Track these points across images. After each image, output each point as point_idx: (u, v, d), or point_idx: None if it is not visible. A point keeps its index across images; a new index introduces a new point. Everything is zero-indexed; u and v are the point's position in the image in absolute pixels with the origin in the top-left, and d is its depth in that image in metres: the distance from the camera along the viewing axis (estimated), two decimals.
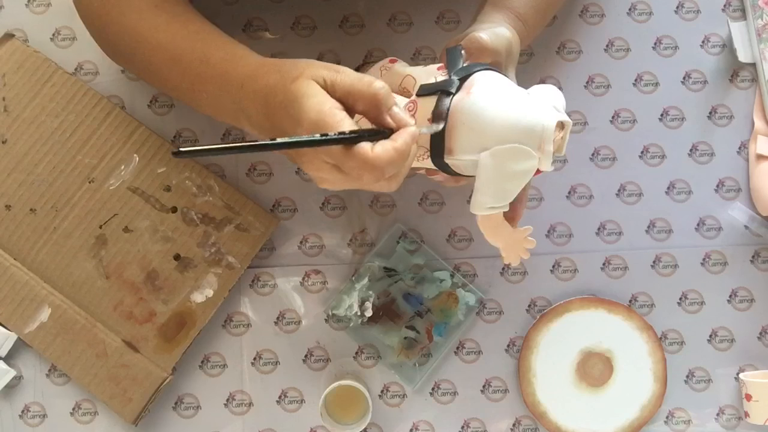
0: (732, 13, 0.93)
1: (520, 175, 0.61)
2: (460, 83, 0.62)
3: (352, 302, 0.87)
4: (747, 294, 0.91)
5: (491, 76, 0.63)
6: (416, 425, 0.90)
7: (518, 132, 0.60)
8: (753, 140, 0.92)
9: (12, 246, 0.86)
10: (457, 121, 0.61)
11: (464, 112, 0.61)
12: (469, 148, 0.61)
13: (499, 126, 0.60)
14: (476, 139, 0.60)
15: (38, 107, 0.86)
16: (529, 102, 0.61)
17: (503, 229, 0.66)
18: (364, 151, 0.56)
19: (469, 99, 0.61)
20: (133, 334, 0.86)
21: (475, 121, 0.60)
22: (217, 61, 0.68)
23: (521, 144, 0.60)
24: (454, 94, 0.62)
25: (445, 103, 0.61)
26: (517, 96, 0.62)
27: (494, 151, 0.60)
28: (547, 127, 0.60)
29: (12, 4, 0.90)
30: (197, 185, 0.87)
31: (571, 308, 0.89)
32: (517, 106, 0.61)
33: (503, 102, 0.61)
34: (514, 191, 0.63)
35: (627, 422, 0.90)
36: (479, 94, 0.61)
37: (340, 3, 0.91)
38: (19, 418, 0.88)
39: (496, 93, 0.62)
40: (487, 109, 0.60)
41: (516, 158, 0.60)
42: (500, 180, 0.61)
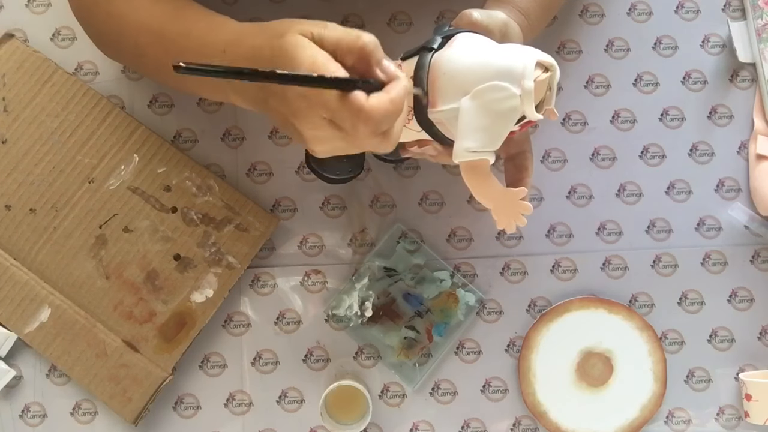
0: (732, 13, 0.93)
1: (503, 115, 0.59)
2: (443, 42, 0.62)
3: (352, 302, 0.87)
4: (747, 294, 0.91)
5: (474, 36, 0.63)
6: (416, 425, 0.90)
7: (497, 71, 0.58)
8: (753, 140, 0.92)
9: (12, 246, 0.86)
10: (437, 72, 0.61)
11: (444, 62, 0.60)
12: (450, 97, 0.60)
13: (478, 69, 0.59)
14: (456, 85, 0.60)
15: (38, 107, 0.86)
16: (509, 47, 0.61)
17: (492, 185, 0.62)
18: (359, 100, 0.54)
19: (450, 51, 0.61)
20: (133, 334, 0.86)
21: (455, 68, 0.60)
22: (198, 33, 0.68)
23: (503, 82, 0.58)
24: (436, 50, 0.62)
25: (426, 58, 0.61)
26: (498, 45, 0.62)
27: (474, 93, 0.59)
28: (526, 64, 0.58)
29: (12, 4, 0.90)
30: (197, 185, 0.87)
31: (571, 308, 0.89)
32: (497, 51, 0.61)
33: (483, 49, 0.61)
34: (497, 134, 0.60)
35: (627, 422, 0.90)
36: (459, 46, 0.61)
37: (340, 3, 0.91)
38: (19, 418, 0.88)
39: (476, 44, 0.62)
40: (466, 56, 0.60)
41: (496, 96, 0.58)
42: (482, 122, 0.59)
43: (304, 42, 0.57)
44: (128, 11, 0.72)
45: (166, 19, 0.70)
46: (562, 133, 0.92)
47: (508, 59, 0.59)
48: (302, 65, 0.55)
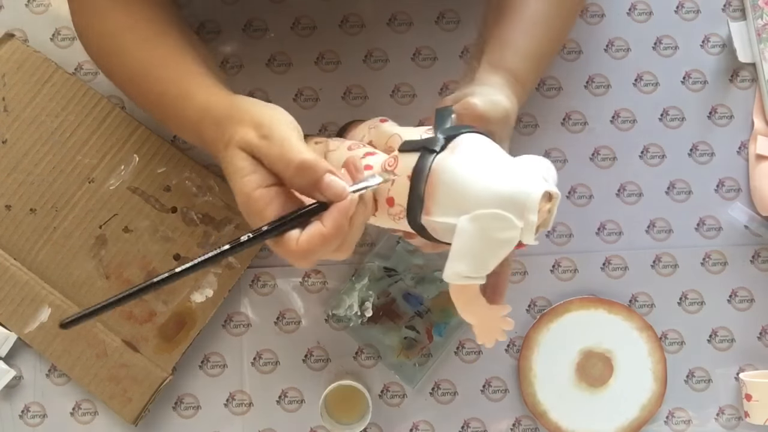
0: (732, 13, 0.93)
1: (500, 245, 0.56)
2: (445, 142, 0.58)
3: (352, 302, 0.88)
4: (747, 294, 0.91)
5: (479, 140, 0.59)
6: (416, 425, 0.90)
7: (501, 198, 0.55)
8: (753, 140, 0.92)
9: (12, 246, 0.86)
10: (438, 180, 0.57)
11: (446, 172, 0.57)
12: (447, 211, 0.57)
13: (482, 190, 0.55)
14: (456, 201, 0.56)
15: (38, 107, 0.86)
16: (516, 169, 0.57)
17: (478, 305, 0.61)
18: (289, 244, 0.54)
19: (453, 159, 0.57)
20: (133, 334, 0.86)
21: (457, 182, 0.56)
22: (171, 98, 0.67)
23: (505, 211, 0.55)
24: (438, 152, 0.58)
25: (427, 160, 0.58)
26: (504, 162, 0.58)
27: (474, 216, 0.55)
28: (532, 195, 0.55)
29: (12, 4, 0.90)
30: (197, 185, 0.87)
31: (571, 308, 0.89)
32: (503, 172, 0.56)
33: (488, 166, 0.57)
34: (492, 262, 0.57)
35: (627, 422, 0.90)
36: (464, 155, 0.57)
37: (340, 3, 0.91)
38: (19, 418, 0.88)
39: (481, 156, 0.58)
40: (470, 171, 0.56)
41: (497, 225, 0.55)
42: (478, 248, 0.56)
43: (240, 165, 0.57)
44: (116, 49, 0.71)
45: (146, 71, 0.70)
46: (562, 133, 0.92)
47: (514, 185, 0.55)
48: (237, 195, 0.57)
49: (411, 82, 0.90)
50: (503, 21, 0.73)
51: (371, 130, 0.68)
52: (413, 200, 0.58)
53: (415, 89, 0.90)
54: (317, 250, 0.54)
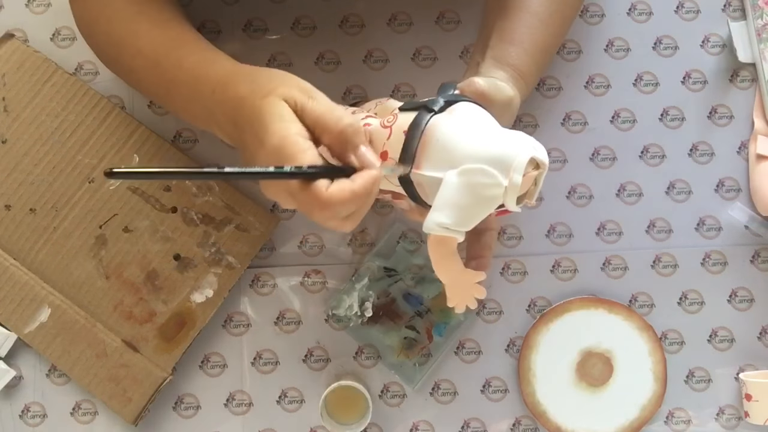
0: (732, 13, 0.93)
1: (484, 201, 0.58)
2: (445, 105, 0.61)
3: (352, 302, 0.88)
4: (747, 294, 0.91)
5: (476, 108, 0.62)
6: (416, 425, 0.90)
7: (489, 157, 0.58)
8: (753, 140, 0.92)
9: (12, 246, 0.86)
10: (431, 136, 0.59)
11: (440, 130, 0.59)
12: (437, 164, 0.59)
13: (471, 148, 0.58)
14: (446, 157, 0.59)
15: (38, 107, 0.86)
16: (507, 135, 0.60)
17: (453, 263, 0.62)
18: (318, 189, 0.55)
19: (449, 119, 0.60)
20: (133, 334, 0.86)
21: (450, 139, 0.59)
22: (190, 65, 0.68)
23: (491, 168, 0.57)
24: (436, 112, 0.61)
25: (424, 118, 0.60)
26: (496, 128, 0.61)
27: (461, 170, 0.58)
28: (520, 157, 0.57)
29: (12, 4, 0.90)
30: (197, 185, 0.87)
31: (571, 308, 0.89)
32: (494, 135, 0.59)
33: (481, 129, 0.60)
34: (474, 218, 0.59)
35: (627, 422, 0.90)
36: (459, 118, 0.60)
37: (340, 3, 0.91)
38: (19, 418, 0.88)
39: (476, 120, 0.60)
40: (463, 131, 0.59)
41: (482, 181, 0.58)
42: (461, 200, 0.58)
43: (281, 111, 0.57)
44: (126, 35, 0.72)
45: (162, 49, 0.70)
46: (562, 133, 0.92)
47: (504, 147, 0.58)
48: (271, 137, 0.56)
49: (411, 82, 0.90)
50: (507, 17, 0.74)
51: (378, 105, 0.70)
52: (406, 154, 0.60)
53: (416, 89, 0.90)
54: (340, 203, 0.55)
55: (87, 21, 0.76)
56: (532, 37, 0.74)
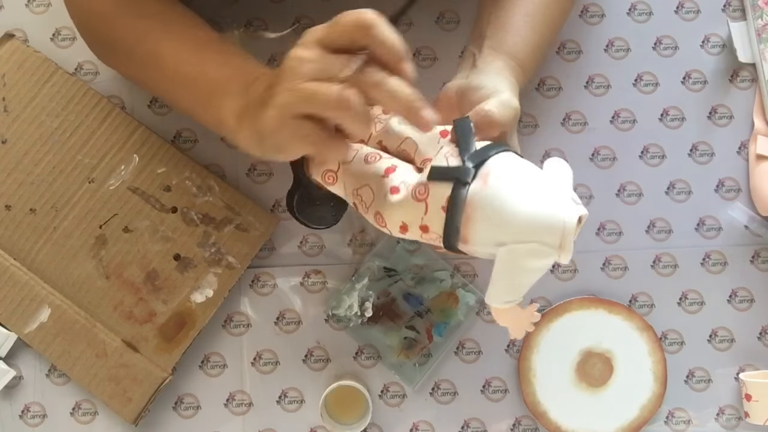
0: (732, 13, 0.93)
1: (537, 272, 0.59)
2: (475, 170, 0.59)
3: (352, 302, 0.88)
4: (747, 294, 0.91)
5: (507, 162, 0.60)
6: (416, 425, 0.90)
7: (539, 228, 0.57)
8: (753, 140, 0.92)
9: (12, 246, 0.86)
10: (474, 213, 0.58)
11: (482, 205, 0.58)
12: (486, 241, 0.59)
13: (519, 222, 0.57)
14: (494, 232, 0.58)
15: (38, 107, 0.86)
16: (548, 194, 0.58)
17: (513, 314, 0.63)
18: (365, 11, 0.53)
19: (487, 190, 0.58)
20: (133, 334, 0.86)
21: (494, 215, 0.58)
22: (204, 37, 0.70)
23: (542, 241, 0.57)
24: (469, 183, 0.59)
25: (461, 193, 0.58)
26: (535, 187, 0.59)
27: (512, 249, 0.57)
28: (568, 224, 0.57)
29: (12, 4, 0.90)
30: (197, 185, 0.87)
31: (571, 308, 0.89)
32: (537, 201, 0.58)
33: (522, 195, 0.58)
34: (528, 286, 0.60)
35: (627, 422, 0.90)
36: (497, 186, 0.58)
37: (340, 3, 0.90)
38: (19, 418, 0.88)
39: (514, 183, 0.59)
40: (505, 202, 0.57)
41: (535, 256, 0.57)
42: (517, 275, 0.59)
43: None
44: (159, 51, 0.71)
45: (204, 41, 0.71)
46: (562, 133, 0.92)
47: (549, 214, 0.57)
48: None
49: None
50: (502, 6, 0.74)
51: (378, 124, 0.68)
52: (450, 230, 0.59)
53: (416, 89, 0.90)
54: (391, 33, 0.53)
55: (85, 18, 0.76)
56: (529, 25, 0.74)
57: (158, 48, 0.71)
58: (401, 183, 0.61)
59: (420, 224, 0.61)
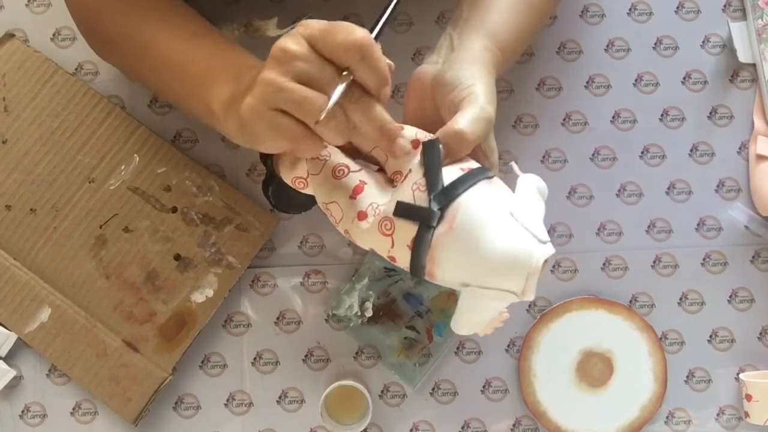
0: (732, 13, 0.93)
1: (499, 308, 0.62)
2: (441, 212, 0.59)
3: (352, 302, 0.88)
4: (747, 294, 0.91)
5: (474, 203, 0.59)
6: (416, 425, 0.90)
7: (502, 273, 0.58)
8: (753, 140, 0.92)
9: (12, 246, 0.86)
10: (439, 254, 0.59)
11: (447, 249, 0.58)
12: (450, 280, 0.60)
13: (483, 267, 0.58)
14: (458, 274, 0.59)
15: (38, 107, 0.86)
16: (513, 240, 0.58)
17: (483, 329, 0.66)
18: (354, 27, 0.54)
19: (453, 234, 0.58)
20: (133, 334, 0.86)
21: (458, 259, 0.58)
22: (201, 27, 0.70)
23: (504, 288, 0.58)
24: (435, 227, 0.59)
25: (426, 235, 0.59)
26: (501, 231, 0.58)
27: (474, 291, 0.59)
28: (532, 270, 0.58)
29: (12, 4, 0.90)
30: (197, 185, 0.87)
31: (571, 308, 0.89)
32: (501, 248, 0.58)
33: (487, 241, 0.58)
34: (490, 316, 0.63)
35: (627, 422, 0.90)
36: (462, 231, 0.58)
37: (340, 3, 0.91)
38: (19, 418, 0.88)
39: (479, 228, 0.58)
40: (470, 248, 0.58)
41: (497, 300, 0.59)
42: (479, 313, 0.62)
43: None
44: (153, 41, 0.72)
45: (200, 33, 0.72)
46: (562, 133, 0.92)
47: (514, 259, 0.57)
48: None
49: None
50: None
51: None
52: (416, 267, 0.60)
53: None
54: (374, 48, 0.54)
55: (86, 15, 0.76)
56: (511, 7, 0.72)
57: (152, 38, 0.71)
58: (369, 207, 0.61)
59: (387, 255, 0.61)
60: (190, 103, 0.69)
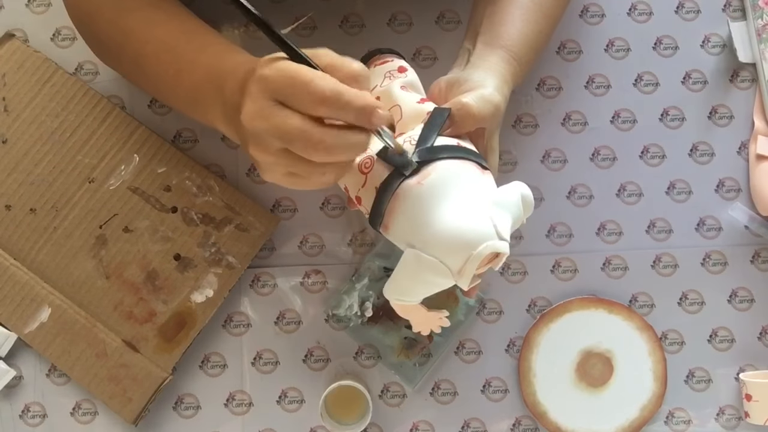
0: (732, 13, 0.93)
1: (433, 285, 0.60)
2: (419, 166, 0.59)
3: (352, 302, 0.88)
4: (747, 294, 0.91)
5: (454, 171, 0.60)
6: (416, 425, 0.90)
7: (448, 245, 0.57)
8: (753, 140, 0.92)
9: (12, 246, 0.86)
10: (399, 205, 0.59)
11: (407, 201, 0.58)
12: (400, 236, 0.60)
13: (432, 233, 0.57)
14: (409, 232, 0.59)
15: (38, 107, 0.86)
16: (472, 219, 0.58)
17: (415, 313, 0.65)
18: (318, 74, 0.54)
19: (418, 190, 0.58)
20: (133, 334, 0.86)
21: (413, 216, 0.58)
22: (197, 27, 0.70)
23: (443, 260, 0.57)
24: (406, 177, 0.59)
25: (395, 182, 0.59)
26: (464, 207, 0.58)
27: (416, 254, 0.58)
28: (475, 255, 0.56)
29: (12, 4, 0.90)
30: (197, 185, 0.87)
31: (571, 308, 0.89)
32: (460, 220, 0.57)
33: (447, 209, 0.58)
34: (423, 295, 0.62)
35: (627, 422, 0.90)
36: (429, 189, 0.58)
37: (340, 3, 0.91)
38: (19, 418, 0.88)
39: (446, 193, 0.58)
40: (428, 209, 0.58)
41: (434, 271, 0.58)
42: (413, 280, 0.60)
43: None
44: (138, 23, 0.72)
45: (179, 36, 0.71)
46: (562, 133, 0.92)
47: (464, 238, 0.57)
48: None
49: None
50: (497, 1, 0.73)
51: (386, 80, 0.68)
52: (375, 213, 0.60)
53: None
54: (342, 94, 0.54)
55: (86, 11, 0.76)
56: (525, 18, 0.73)
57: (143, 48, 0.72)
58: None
59: (356, 194, 0.62)
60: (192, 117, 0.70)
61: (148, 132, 0.87)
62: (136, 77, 0.79)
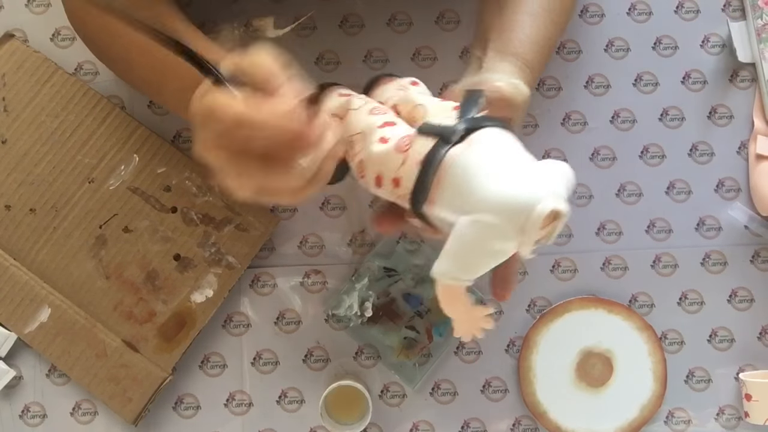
0: (732, 13, 0.93)
1: (494, 255, 0.55)
2: (465, 133, 0.57)
3: (352, 302, 0.88)
4: (747, 294, 0.91)
5: (500, 137, 0.57)
6: (416, 425, 0.90)
7: (505, 207, 0.53)
8: (753, 140, 0.92)
9: (12, 246, 0.86)
10: (447, 174, 0.56)
11: (457, 168, 0.55)
12: (450, 206, 0.56)
13: (487, 194, 0.54)
14: (460, 199, 0.55)
15: (38, 107, 0.86)
16: (529, 178, 0.55)
17: (462, 303, 0.59)
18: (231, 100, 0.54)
19: (467, 155, 0.56)
20: (133, 334, 0.86)
21: (465, 180, 0.55)
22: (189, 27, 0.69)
23: (505, 222, 0.53)
24: (453, 144, 0.56)
25: (440, 151, 0.56)
26: (519, 167, 0.55)
27: (473, 220, 0.54)
28: (536, 211, 0.52)
29: (12, 4, 0.90)
30: (197, 185, 0.87)
31: (571, 308, 0.89)
32: (515, 179, 0.54)
33: (501, 169, 0.55)
34: (482, 268, 0.56)
35: (627, 422, 0.90)
36: (479, 153, 0.56)
37: (340, 3, 0.91)
38: (19, 418, 0.88)
39: (497, 157, 0.56)
40: (481, 171, 0.55)
41: (493, 235, 0.53)
42: (470, 252, 0.55)
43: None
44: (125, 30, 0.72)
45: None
46: (562, 133, 0.92)
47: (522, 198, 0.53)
48: None
49: None
50: (505, 8, 0.73)
51: (399, 91, 0.66)
52: (419, 188, 0.57)
53: None
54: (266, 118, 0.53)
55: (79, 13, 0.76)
56: (534, 24, 0.73)
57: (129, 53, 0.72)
58: (392, 136, 0.59)
59: (393, 176, 0.59)
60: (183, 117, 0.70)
61: (147, 132, 0.87)
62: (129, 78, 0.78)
